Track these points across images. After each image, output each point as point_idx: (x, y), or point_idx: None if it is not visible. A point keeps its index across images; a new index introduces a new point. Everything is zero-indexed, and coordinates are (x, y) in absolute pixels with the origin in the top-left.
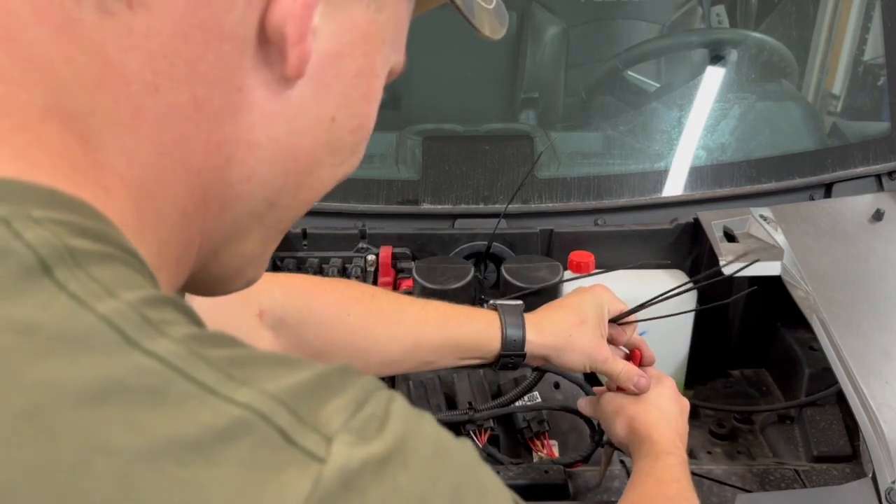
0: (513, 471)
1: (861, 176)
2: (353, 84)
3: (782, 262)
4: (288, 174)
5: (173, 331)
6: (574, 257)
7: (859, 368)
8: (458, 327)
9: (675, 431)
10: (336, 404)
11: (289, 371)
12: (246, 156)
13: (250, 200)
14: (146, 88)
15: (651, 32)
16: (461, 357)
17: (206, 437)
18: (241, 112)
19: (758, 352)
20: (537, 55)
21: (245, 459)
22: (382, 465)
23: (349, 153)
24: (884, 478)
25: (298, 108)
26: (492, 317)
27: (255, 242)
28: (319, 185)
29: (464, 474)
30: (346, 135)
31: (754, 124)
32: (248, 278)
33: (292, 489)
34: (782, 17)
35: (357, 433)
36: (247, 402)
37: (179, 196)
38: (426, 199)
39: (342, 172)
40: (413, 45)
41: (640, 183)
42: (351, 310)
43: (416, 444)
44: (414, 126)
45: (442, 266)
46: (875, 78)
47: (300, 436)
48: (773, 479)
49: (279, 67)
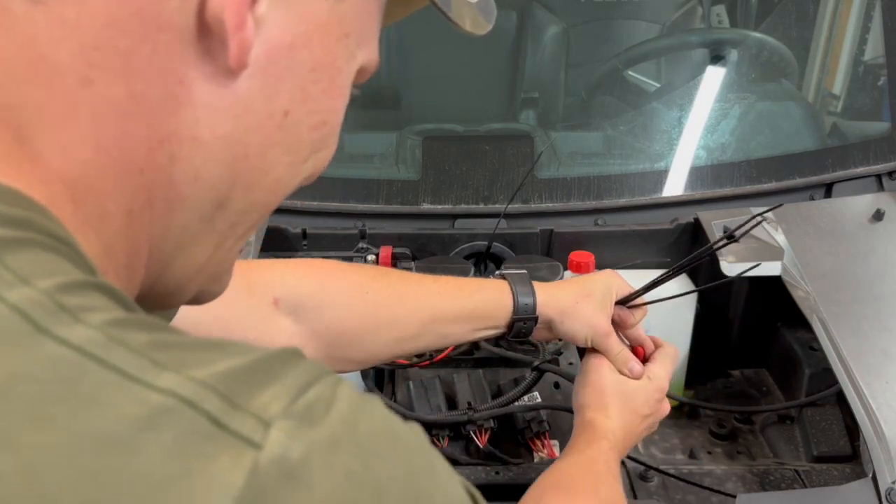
0: (513, 471)
1: (861, 176)
2: (311, 78)
3: (782, 262)
4: (238, 173)
5: (91, 317)
6: (574, 257)
7: (859, 368)
8: (472, 296)
9: (625, 429)
10: (275, 389)
11: (222, 356)
12: (191, 153)
13: (199, 202)
14: (80, 82)
15: (651, 32)
16: (476, 326)
17: (124, 427)
18: (183, 107)
19: (758, 352)
20: (537, 55)
21: (169, 449)
22: (331, 451)
23: (310, 151)
24: (884, 478)
25: (245, 101)
26: (501, 284)
27: (206, 248)
28: (277, 185)
29: (417, 458)
30: (304, 132)
31: (754, 124)
32: (202, 290)
33: (224, 480)
34: (782, 17)
35: (299, 418)
36: (170, 388)
37: (122, 196)
38: (426, 199)
39: (304, 173)
40: (413, 45)
41: (640, 183)
42: (368, 287)
43: (366, 427)
44: (414, 126)
45: (442, 266)
46: (875, 78)
47: (233, 421)
48: (773, 479)
49: (222, 58)
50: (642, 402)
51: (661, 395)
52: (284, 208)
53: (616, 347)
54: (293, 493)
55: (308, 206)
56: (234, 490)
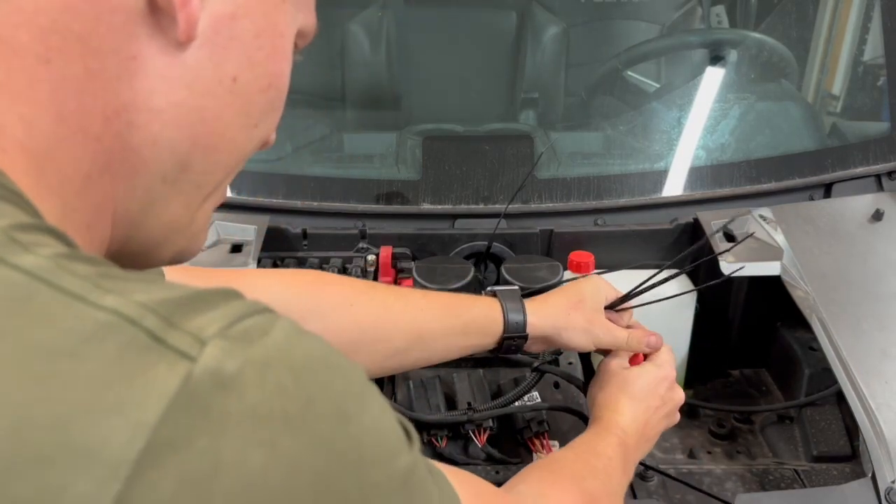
0: (512, 471)
1: (861, 176)
2: (255, 44)
3: (782, 262)
4: (195, 137)
5: (42, 250)
6: (574, 257)
7: (859, 368)
8: (461, 313)
9: (638, 421)
10: (213, 315)
11: (165, 288)
12: (148, 121)
13: (159, 165)
14: (38, 61)
15: (651, 32)
16: (465, 344)
17: (72, 338)
18: (136, 79)
19: (758, 352)
20: (537, 55)
21: (112, 357)
22: (264, 366)
23: (262, 113)
24: (883, 478)
25: (196, 70)
26: (492, 301)
27: (176, 208)
28: (234, 147)
29: (350, 384)
30: (254, 95)
31: (754, 124)
32: (180, 248)
33: (160, 383)
34: (782, 17)
35: (235, 339)
36: (113, 307)
37: (82, 161)
38: (426, 199)
39: (259, 134)
40: (413, 45)
41: (640, 183)
42: (354, 300)
43: (301, 352)
44: (414, 126)
45: (442, 266)
46: (875, 78)
47: (170, 336)
48: (772, 478)
49: (172, 33)
50: (651, 392)
51: (671, 383)
52: (284, 208)
53: (622, 335)
54: (224, 399)
55: (308, 206)
56: (170, 392)
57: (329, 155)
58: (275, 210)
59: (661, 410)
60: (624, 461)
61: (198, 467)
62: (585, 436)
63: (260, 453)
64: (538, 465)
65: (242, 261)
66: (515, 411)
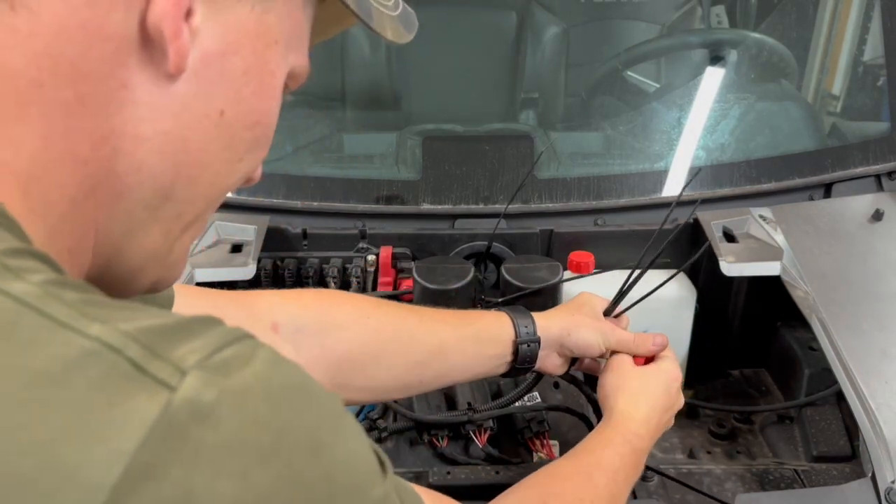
0: (513, 471)
1: (861, 176)
2: (243, 81)
3: (782, 262)
4: (179, 166)
5: (31, 276)
6: (574, 257)
7: (859, 368)
8: (472, 322)
9: (649, 421)
10: (194, 345)
11: (148, 315)
12: (133, 148)
13: (142, 192)
14: (31, 84)
15: (651, 32)
16: (481, 353)
17: (55, 365)
18: (125, 107)
19: (758, 352)
20: (537, 55)
21: (94, 384)
22: (242, 397)
23: (247, 150)
24: (883, 478)
25: (184, 102)
26: (499, 314)
27: (155, 236)
28: (217, 179)
29: (325, 414)
30: (240, 130)
31: (754, 124)
32: (157, 277)
33: (140, 412)
34: (782, 18)
35: (214, 369)
36: (97, 335)
37: (67, 185)
38: (426, 199)
39: (242, 169)
40: (413, 45)
41: (640, 183)
42: (370, 313)
43: (279, 381)
44: (414, 126)
45: (442, 266)
46: (875, 78)
47: (152, 366)
48: (772, 478)
49: (162, 64)
50: (665, 392)
51: (679, 384)
52: (284, 208)
53: (629, 336)
54: (201, 429)
55: (308, 206)
56: (148, 421)
57: (329, 155)
58: (275, 210)
59: (669, 412)
60: (634, 467)
61: (171, 496)
62: (594, 440)
63: (231, 484)
64: (534, 480)
65: (242, 261)
66: (515, 411)
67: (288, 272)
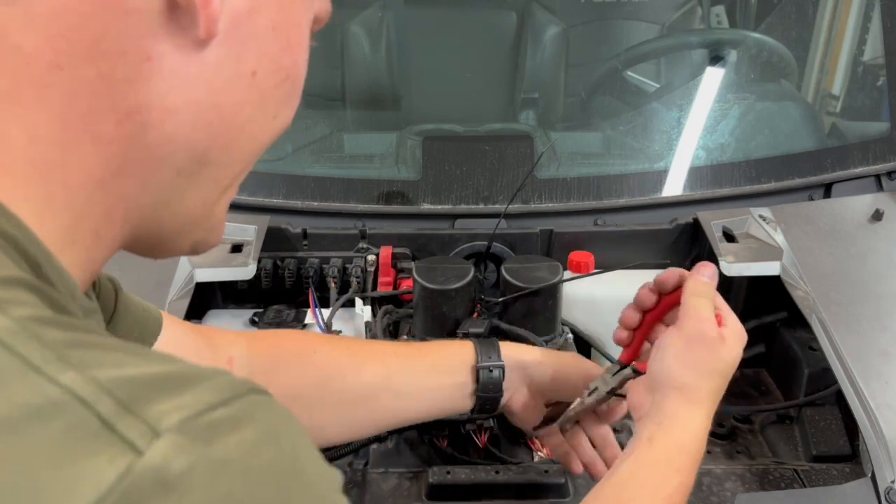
0: (513, 471)
1: (860, 176)
2: (272, 38)
3: (782, 262)
4: (213, 133)
5: (15, 310)
6: (574, 257)
7: (859, 368)
8: (430, 353)
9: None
10: (183, 400)
11: (137, 361)
12: (162, 120)
13: (175, 162)
14: (49, 67)
15: (651, 32)
16: (436, 383)
17: (17, 412)
18: (151, 80)
19: (758, 352)
20: (537, 55)
21: (55, 439)
22: (218, 470)
23: (279, 106)
24: (883, 478)
25: (216, 67)
26: (462, 342)
27: (192, 202)
28: (252, 140)
29: (314, 500)
30: (271, 88)
31: (754, 124)
32: (197, 239)
33: (95, 476)
34: (782, 18)
35: (195, 433)
36: (69, 385)
37: (92, 167)
38: (426, 199)
39: (276, 126)
40: (414, 45)
41: (640, 183)
42: (317, 347)
43: (268, 457)
44: (414, 126)
45: (442, 266)
46: (874, 78)
47: (122, 424)
48: (772, 478)
49: (192, 31)
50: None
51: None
52: (284, 208)
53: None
54: (162, 501)
55: (308, 206)
56: (103, 486)
57: (329, 155)
58: (275, 210)
59: (723, 373)
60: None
61: None
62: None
63: None
64: None
65: (242, 261)
66: None
67: (288, 272)
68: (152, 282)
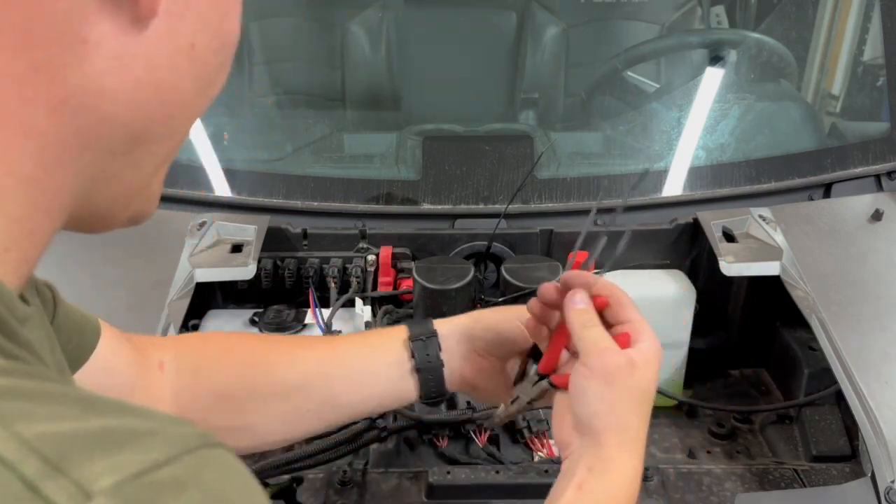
0: (513, 471)
1: (860, 176)
2: (209, 6)
3: (782, 262)
4: (153, 110)
5: None
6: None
7: (859, 368)
8: (363, 336)
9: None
10: (120, 460)
11: (75, 413)
12: (98, 103)
13: (111, 143)
14: None
15: (651, 33)
16: (373, 366)
17: None
18: (86, 63)
19: (758, 352)
20: (537, 55)
21: None
22: None
23: (216, 73)
24: (883, 477)
25: (155, 44)
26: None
27: (129, 178)
28: (190, 112)
29: None
30: (209, 57)
31: (754, 124)
32: (135, 211)
33: None
34: (782, 18)
35: (132, 497)
36: None
37: (26, 164)
38: (426, 199)
39: (212, 94)
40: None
41: (640, 183)
42: (245, 344)
43: None
44: (414, 126)
45: (442, 266)
46: (874, 78)
47: (48, 486)
48: (772, 478)
49: (129, 10)
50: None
51: (627, 362)
52: (284, 208)
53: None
54: None
55: (308, 206)
56: None
57: (329, 155)
58: (275, 210)
59: (644, 401)
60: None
61: None
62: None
63: None
64: None
65: (242, 261)
66: None
67: (288, 272)
68: (152, 282)
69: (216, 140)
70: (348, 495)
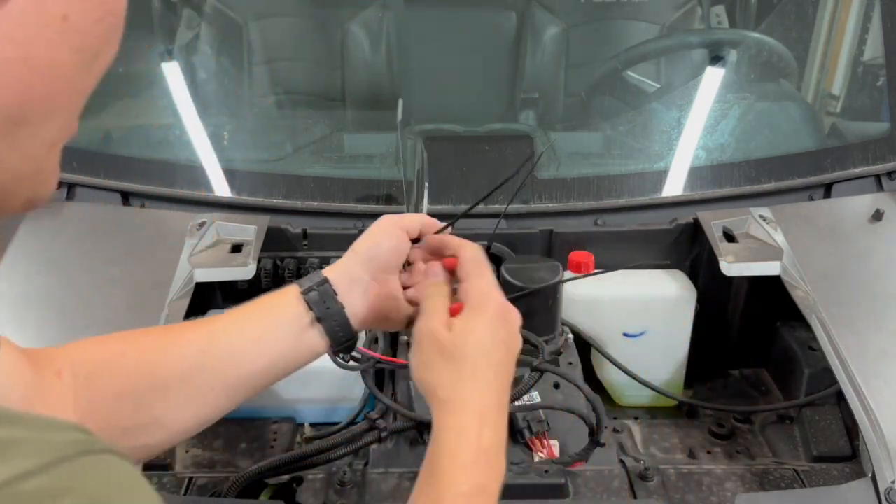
0: (513, 471)
1: (860, 176)
2: None
3: (782, 262)
4: (27, 88)
5: None
6: (574, 257)
7: (859, 368)
8: (254, 303)
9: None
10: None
11: None
12: None
13: None
14: None
15: (651, 33)
16: (272, 326)
17: None
18: None
19: (758, 352)
20: (537, 55)
21: None
22: None
23: (100, 44)
24: (883, 478)
25: (19, 19)
26: None
27: (15, 161)
28: (74, 87)
29: None
30: (89, 27)
31: (754, 124)
32: (29, 195)
33: None
34: (782, 18)
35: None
36: None
37: None
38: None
39: (99, 67)
40: (414, 45)
41: (640, 183)
42: (134, 339)
43: None
44: (414, 126)
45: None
46: (874, 78)
47: None
48: (772, 478)
49: None
50: (492, 349)
51: (503, 315)
52: (284, 208)
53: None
54: None
55: (308, 206)
56: None
57: (329, 155)
58: (275, 210)
59: (507, 359)
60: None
61: None
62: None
63: None
64: None
65: (242, 261)
66: (515, 411)
67: (288, 272)
68: (152, 282)
69: (216, 140)
70: (348, 495)
